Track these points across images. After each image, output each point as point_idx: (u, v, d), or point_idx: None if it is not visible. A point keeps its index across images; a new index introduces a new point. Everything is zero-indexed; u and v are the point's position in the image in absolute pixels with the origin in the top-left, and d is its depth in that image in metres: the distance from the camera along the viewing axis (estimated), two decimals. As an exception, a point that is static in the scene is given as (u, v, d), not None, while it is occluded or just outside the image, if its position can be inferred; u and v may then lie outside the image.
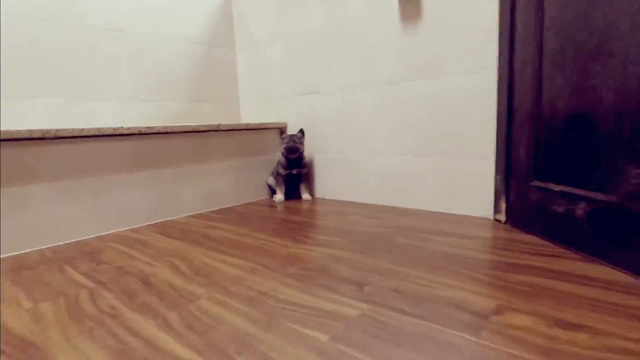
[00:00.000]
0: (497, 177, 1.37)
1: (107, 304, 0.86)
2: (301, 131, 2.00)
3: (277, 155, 2.01)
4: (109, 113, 1.83)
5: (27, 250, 1.31)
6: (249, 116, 2.37)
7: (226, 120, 2.34)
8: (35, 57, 1.61)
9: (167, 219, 1.68)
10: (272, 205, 1.89)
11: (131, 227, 1.56)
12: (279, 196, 1.98)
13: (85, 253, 1.26)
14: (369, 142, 1.79)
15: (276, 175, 2.00)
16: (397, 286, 0.87)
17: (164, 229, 1.52)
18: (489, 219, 1.42)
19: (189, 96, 2.16)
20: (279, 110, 2.20)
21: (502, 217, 1.35)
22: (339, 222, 1.48)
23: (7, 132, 1.23)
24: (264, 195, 2.08)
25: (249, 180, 2.01)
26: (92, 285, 0.98)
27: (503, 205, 1.35)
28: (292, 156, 1.91)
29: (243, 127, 1.92)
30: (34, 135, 1.29)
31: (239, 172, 1.96)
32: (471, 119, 1.44)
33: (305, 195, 2.01)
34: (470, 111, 1.44)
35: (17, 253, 1.29)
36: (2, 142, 1.25)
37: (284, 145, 1.92)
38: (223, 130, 1.86)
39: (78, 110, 1.74)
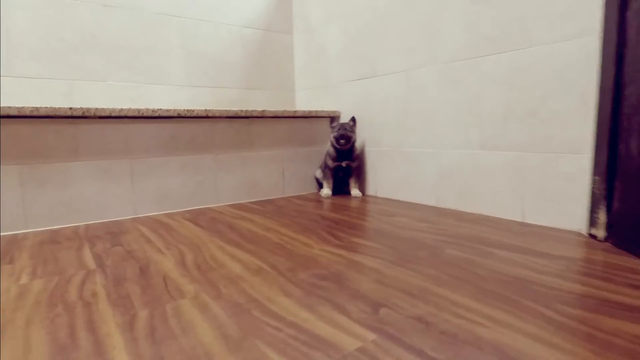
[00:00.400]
0: (596, 178, 1.02)
1: (91, 291, 0.78)
2: (353, 119, 1.80)
3: (326, 146, 1.84)
4: (164, 97, 1.84)
5: (65, 225, 1.33)
6: (303, 104, 2.24)
7: (280, 108, 2.23)
8: (98, 41, 1.66)
9: (204, 206, 1.61)
10: (317, 200, 1.72)
11: (167, 212, 1.52)
12: (326, 191, 1.81)
13: (110, 233, 1.23)
14: (429, 133, 1.53)
15: (324, 167, 1.83)
16: (425, 314, 0.64)
17: (196, 216, 1.45)
18: (580, 234, 1.07)
19: (243, 83, 2.10)
20: (333, 97, 2.02)
21: (601, 232, 1.01)
22: (382, 223, 1.26)
23: (50, 108, 1.25)
24: (311, 188, 1.92)
25: (296, 172, 1.87)
26: (93, 267, 0.92)
27: (602, 217, 1.00)
28: (342, 146, 1.72)
29: (290, 115, 1.79)
30: (75, 114, 1.30)
31: (285, 163, 1.83)
32: (561, 101, 1.10)
33: (355, 192, 1.80)
34: (559, 91, 1.10)
35: (55, 227, 1.31)
36: (44, 119, 1.27)
37: (334, 134, 1.74)
38: (268, 117, 1.74)
39: (136, 93, 1.76)
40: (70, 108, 1.28)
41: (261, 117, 1.71)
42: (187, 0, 1.87)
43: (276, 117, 1.76)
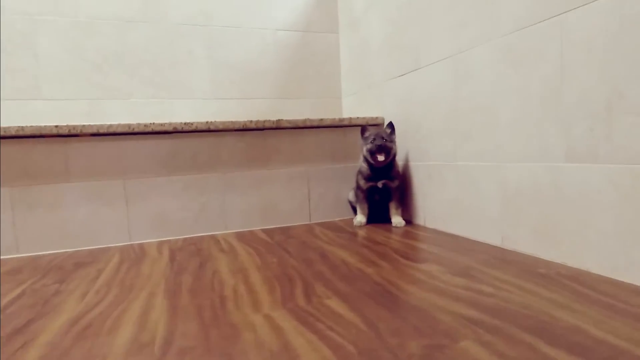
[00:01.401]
0: None
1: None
2: (390, 126, 1.39)
3: (358, 162, 1.47)
4: (187, 112, 1.72)
5: (56, 251, 1.24)
6: (349, 111, 1.90)
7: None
8: (121, 58, 1.62)
9: (209, 233, 1.39)
10: (345, 230, 1.36)
11: (165, 238, 1.34)
12: (359, 218, 1.43)
13: (78, 264, 1.08)
14: (487, 139, 1.05)
15: (356, 188, 1.45)
16: None
17: (186, 246, 1.23)
18: None
19: (277, 92, 1.87)
20: (375, 101, 1.64)
21: None
22: (402, 276, 0.85)
23: (36, 127, 1.18)
24: (345, 213, 1.56)
25: (326, 193, 1.54)
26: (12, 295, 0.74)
27: None
28: (379, 161, 1.33)
29: (315, 124, 1.48)
30: (62, 132, 1.21)
31: (312, 183, 1.51)
32: None
33: (397, 219, 1.38)
34: None
35: (44, 252, 1.23)
36: (30, 138, 1.21)
37: (367, 147, 1.36)
38: (286, 128, 1.46)
39: (159, 109, 1.68)
40: (56, 126, 1.20)
41: (277, 128, 1.44)
42: (213, 7, 1.74)
43: (297, 127, 1.47)
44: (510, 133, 0.97)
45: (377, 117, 1.55)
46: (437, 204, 1.27)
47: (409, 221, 1.42)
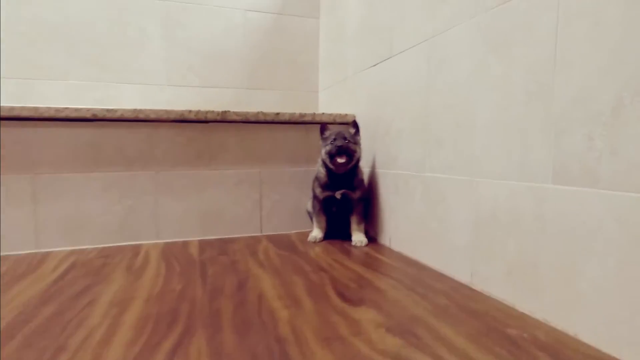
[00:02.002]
0: None
1: None
2: (354, 125, 1.17)
3: (317, 166, 1.24)
4: (137, 99, 1.51)
5: (-56, 257, 1.04)
6: (325, 107, 1.68)
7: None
8: (57, 33, 1.42)
9: (135, 242, 1.18)
10: (295, 248, 1.13)
11: (81, 247, 1.13)
12: (315, 232, 1.21)
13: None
14: (460, 146, 0.81)
15: (312, 198, 1.23)
16: None
17: (92, 260, 1.02)
18: None
19: (245, 82, 1.65)
20: (347, 95, 1.41)
21: None
22: (318, 328, 0.63)
23: None
24: (303, 225, 1.33)
25: (281, 200, 1.31)
26: None
27: None
28: (339, 165, 1.11)
29: (270, 120, 1.25)
30: (-47, 113, 1.01)
31: (264, 187, 1.29)
32: None
33: (357, 237, 1.15)
34: None
35: None
36: None
37: (326, 148, 1.13)
38: (235, 122, 1.24)
39: (103, 94, 1.47)
40: (-54, 107, 1.00)
41: (222, 120, 1.22)
42: (170, -20, 1.53)
43: (247, 121, 1.24)
44: (488, 139, 0.74)
45: (346, 115, 1.32)
46: (404, 222, 1.04)
47: (373, 239, 1.19)
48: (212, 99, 1.59)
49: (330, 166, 1.13)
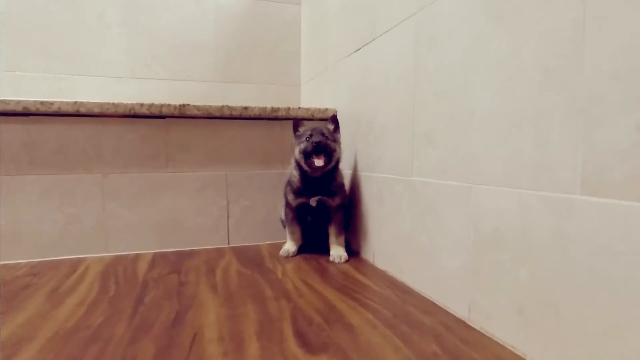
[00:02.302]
0: None
1: None
2: (334, 120, 1.00)
3: (289, 168, 1.07)
4: (94, 93, 1.35)
5: None
6: (308, 102, 1.51)
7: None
8: (2, 20, 1.25)
9: (79, 255, 1.01)
10: (261, 264, 0.97)
11: (8, 262, 0.96)
12: (287, 246, 1.04)
13: None
14: (457, 144, 0.65)
15: (285, 204, 1.06)
16: None
17: (21, 277, 0.86)
18: None
19: (220, 74, 1.48)
20: (329, 88, 1.25)
21: None
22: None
23: None
24: (278, 235, 1.16)
25: (251, 207, 1.15)
26: None
27: None
28: (316, 167, 0.94)
29: (237, 115, 1.09)
30: None
31: (232, 192, 1.13)
32: None
33: (336, 252, 0.98)
34: None
35: None
36: None
37: (300, 146, 0.97)
38: (196, 118, 1.07)
39: (55, 86, 1.31)
40: None
41: (181, 116, 1.06)
42: (132, -40, 1.36)
43: (210, 117, 1.08)
44: (489, 134, 0.57)
45: (326, 109, 1.16)
46: (389, 235, 0.87)
47: (356, 252, 1.02)
48: (180, 93, 1.42)
49: (305, 168, 0.96)
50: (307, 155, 0.94)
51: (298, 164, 0.98)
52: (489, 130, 0.57)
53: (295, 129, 1.01)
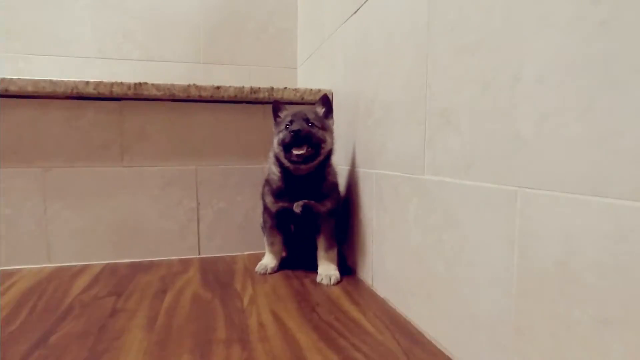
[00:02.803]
0: None
1: None
2: (324, 101, 0.79)
3: (269, 162, 0.85)
4: (56, 74, 1.17)
5: None
6: (305, 84, 1.30)
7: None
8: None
9: (14, 267, 0.83)
10: (228, 285, 0.76)
11: None
12: (266, 259, 0.83)
13: None
14: (499, 121, 0.42)
15: (263, 209, 0.85)
16: None
17: None
18: None
19: (204, 54, 1.29)
20: (325, 64, 1.03)
21: None
22: None
23: None
24: (257, 244, 0.95)
25: (227, 209, 0.94)
26: None
27: None
28: (297, 162, 0.73)
29: (209, 97, 0.88)
30: None
31: (203, 191, 0.92)
32: None
33: (325, 270, 0.77)
34: None
35: None
36: None
37: (279, 136, 0.75)
38: (157, 100, 0.87)
39: (12, 68, 1.14)
40: None
41: (138, 98, 0.86)
42: None
43: (174, 99, 0.88)
44: (547, 107, 0.35)
45: (319, 90, 0.94)
46: (392, 253, 0.65)
47: (352, 270, 0.81)
48: (157, 75, 1.23)
49: (286, 164, 0.75)
50: (287, 147, 0.73)
51: (277, 159, 0.77)
52: (548, 102, 0.34)
53: (276, 114, 0.80)
